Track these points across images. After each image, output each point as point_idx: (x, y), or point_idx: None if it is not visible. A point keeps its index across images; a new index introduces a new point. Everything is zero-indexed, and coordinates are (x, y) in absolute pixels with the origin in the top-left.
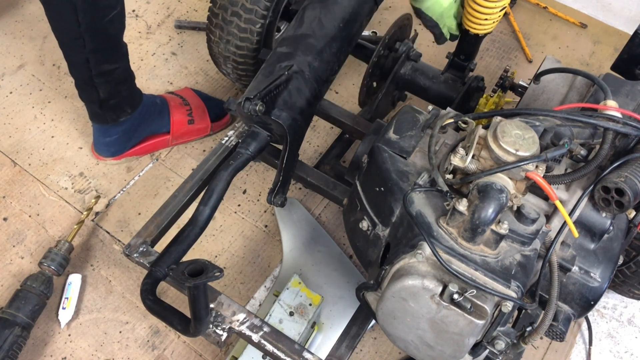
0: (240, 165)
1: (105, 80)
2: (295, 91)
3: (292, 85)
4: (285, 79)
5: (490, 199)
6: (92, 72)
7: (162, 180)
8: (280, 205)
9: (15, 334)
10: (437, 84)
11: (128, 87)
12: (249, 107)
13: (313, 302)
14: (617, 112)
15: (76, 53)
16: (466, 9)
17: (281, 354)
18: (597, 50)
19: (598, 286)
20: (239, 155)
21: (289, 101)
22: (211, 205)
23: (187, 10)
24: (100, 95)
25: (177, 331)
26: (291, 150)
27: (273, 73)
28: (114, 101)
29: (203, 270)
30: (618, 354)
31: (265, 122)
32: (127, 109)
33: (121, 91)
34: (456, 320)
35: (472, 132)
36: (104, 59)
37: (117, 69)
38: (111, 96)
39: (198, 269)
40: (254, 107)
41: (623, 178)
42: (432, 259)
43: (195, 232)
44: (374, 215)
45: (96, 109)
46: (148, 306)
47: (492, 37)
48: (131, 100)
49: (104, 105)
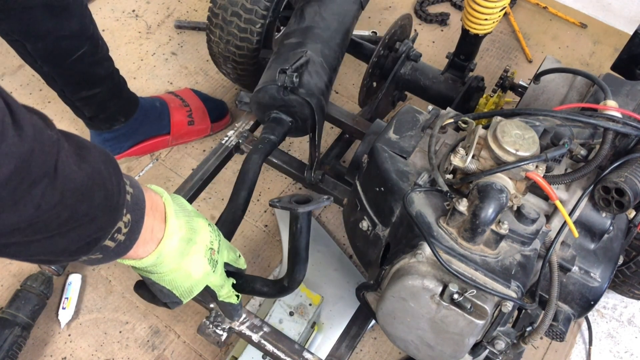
0: (269, 148)
1: (87, 103)
2: (315, 73)
3: (311, 68)
4: (304, 60)
5: (490, 199)
6: (72, 98)
7: (162, 180)
8: (321, 181)
9: (15, 334)
10: (437, 84)
11: (115, 103)
12: (284, 79)
13: (313, 302)
14: (617, 112)
15: (51, 85)
16: (466, 9)
17: (281, 354)
18: (597, 50)
19: (598, 286)
20: (265, 140)
21: (311, 82)
22: (247, 186)
23: (187, 10)
24: (86, 114)
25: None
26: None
27: (288, 60)
28: (103, 116)
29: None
30: (618, 354)
31: (290, 105)
32: (120, 119)
33: (108, 108)
34: (456, 320)
35: (472, 132)
36: (79, 89)
37: (97, 93)
38: (98, 113)
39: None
40: (291, 79)
41: (623, 178)
42: (432, 259)
43: (239, 213)
44: (374, 215)
45: (88, 122)
46: None
47: (492, 37)
48: (123, 111)
49: (93, 120)
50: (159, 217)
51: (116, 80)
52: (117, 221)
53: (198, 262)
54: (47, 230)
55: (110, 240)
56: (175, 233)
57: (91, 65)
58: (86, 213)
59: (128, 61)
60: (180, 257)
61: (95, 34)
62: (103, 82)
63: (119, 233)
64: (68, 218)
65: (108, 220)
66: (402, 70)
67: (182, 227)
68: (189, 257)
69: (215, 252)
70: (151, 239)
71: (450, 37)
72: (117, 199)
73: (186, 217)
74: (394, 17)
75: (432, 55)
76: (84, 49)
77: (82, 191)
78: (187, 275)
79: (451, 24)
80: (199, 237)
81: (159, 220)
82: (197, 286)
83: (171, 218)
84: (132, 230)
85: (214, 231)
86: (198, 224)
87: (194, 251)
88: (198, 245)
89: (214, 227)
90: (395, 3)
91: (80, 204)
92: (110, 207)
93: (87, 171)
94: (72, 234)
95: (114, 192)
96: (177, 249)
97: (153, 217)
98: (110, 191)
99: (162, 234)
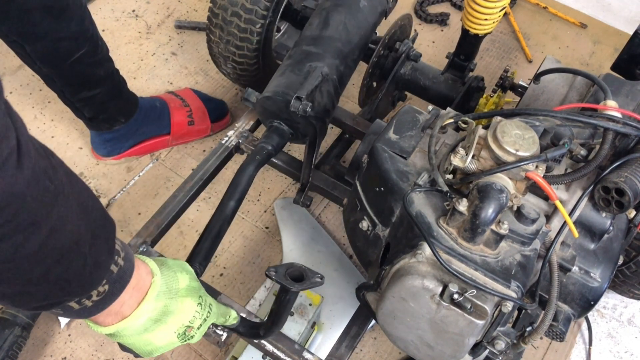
0: (264, 159)
1: (87, 104)
2: (326, 93)
3: (324, 87)
4: (319, 81)
5: (490, 199)
6: (71, 99)
7: (162, 180)
8: (308, 206)
9: (15, 334)
10: (437, 84)
11: (115, 103)
12: (298, 107)
13: (313, 302)
14: (617, 112)
15: (50, 86)
16: (466, 9)
17: (281, 354)
18: (597, 50)
19: (598, 286)
20: (262, 150)
21: (321, 103)
22: (237, 198)
23: (187, 10)
24: (86, 115)
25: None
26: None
27: (302, 71)
28: (103, 116)
29: (302, 275)
30: (618, 354)
31: (295, 121)
32: (119, 119)
33: (108, 108)
34: (456, 320)
35: (472, 132)
36: (79, 90)
37: (97, 94)
38: (98, 114)
39: (297, 274)
40: (305, 108)
41: (623, 178)
42: (432, 259)
43: (224, 226)
44: (374, 215)
45: (88, 122)
46: None
47: (492, 37)
48: (123, 112)
49: (93, 120)
50: (136, 296)
51: (116, 81)
52: (89, 291)
53: (163, 337)
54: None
55: (76, 302)
56: (144, 315)
57: (91, 66)
58: (60, 276)
59: (128, 61)
60: (144, 332)
61: (94, 35)
62: (103, 82)
63: (88, 299)
64: (40, 276)
65: (79, 289)
66: (402, 70)
67: (156, 309)
68: (154, 333)
69: (193, 329)
70: (118, 312)
71: (450, 37)
72: (99, 272)
73: (168, 300)
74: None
75: (432, 55)
76: (83, 50)
77: (63, 253)
78: (148, 343)
79: (451, 24)
80: (171, 318)
81: (135, 299)
82: (159, 351)
83: (149, 301)
84: (102, 301)
85: (202, 309)
86: (179, 306)
87: (161, 329)
88: (168, 325)
89: (205, 305)
90: None
91: (57, 266)
92: (87, 278)
93: (77, 234)
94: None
95: (99, 264)
96: (142, 326)
97: (130, 295)
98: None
99: (130, 312)
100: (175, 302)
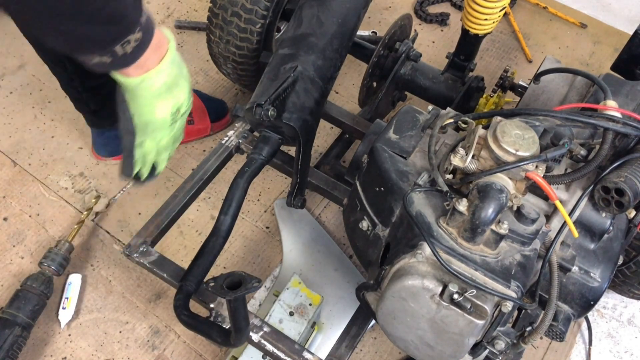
0: (255, 171)
1: (94, 94)
2: (303, 92)
3: (299, 86)
4: (292, 80)
5: (490, 199)
6: (79, 88)
7: (162, 180)
8: (300, 207)
9: (15, 334)
10: (437, 84)
11: None
12: (260, 113)
13: (313, 302)
14: (617, 112)
15: (59, 73)
16: (466, 9)
17: (281, 354)
18: (597, 50)
19: (598, 286)
20: (253, 161)
21: (298, 102)
22: (231, 213)
23: (187, 10)
24: (92, 107)
25: (217, 344)
26: (304, 151)
27: (278, 76)
28: (108, 110)
29: (241, 282)
30: (618, 354)
31: (276, 125)
32: None
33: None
34: (456, 320)
35: (472, 132)
36: (88, 77)
37: (105, 82)
38: (104, 107)
39: (236, 281)
40: (266, 113)
41: (623, 178)
42: (432, 259)
43: (220, 242)
44: (374, 215)
45: (91, 117)
46: (184, 322)
47: (492, 37)
48: None
49: (97, 115)
50: (157, 54)
51: None
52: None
53: (164, 107)
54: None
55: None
56: (162, 73)
57: None
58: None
59: None
60: (157, 96)
61: None
62: None
63: (128, 44)
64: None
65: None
66: (402, 70)
67: (170, 75)
68: (160, 101)
69: (179, 114)
70: (143, 65)
71: (450, 37)
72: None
73: (178, 71)
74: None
75: (432, 55)
76: None
77: None
78: (151, 111)
79: (451, 24)
80: (176, 92)
81: (157, 56)
82: (151, 126)
83: (166, 61)
84: (138, 48)
85: (188, 100)
86: (183, 84)
87: (167, 100)
88: (172, 97)
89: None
90: (395, 3)
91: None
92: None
93: None
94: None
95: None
96: (157, 89)
97: (154, 51)
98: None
99: (154, 67)
100: (182, 79)
